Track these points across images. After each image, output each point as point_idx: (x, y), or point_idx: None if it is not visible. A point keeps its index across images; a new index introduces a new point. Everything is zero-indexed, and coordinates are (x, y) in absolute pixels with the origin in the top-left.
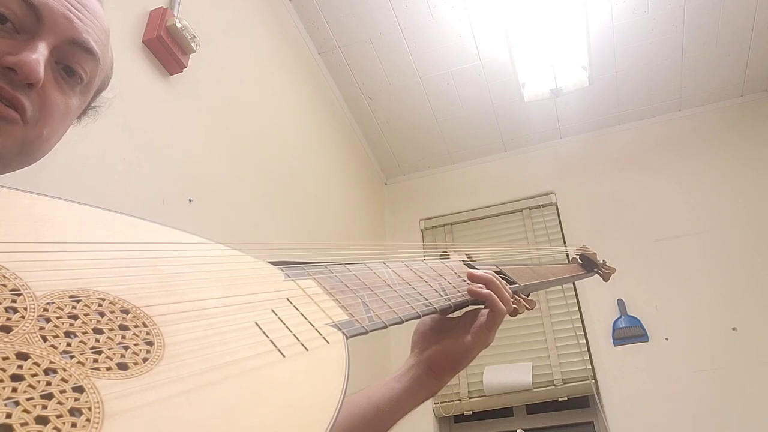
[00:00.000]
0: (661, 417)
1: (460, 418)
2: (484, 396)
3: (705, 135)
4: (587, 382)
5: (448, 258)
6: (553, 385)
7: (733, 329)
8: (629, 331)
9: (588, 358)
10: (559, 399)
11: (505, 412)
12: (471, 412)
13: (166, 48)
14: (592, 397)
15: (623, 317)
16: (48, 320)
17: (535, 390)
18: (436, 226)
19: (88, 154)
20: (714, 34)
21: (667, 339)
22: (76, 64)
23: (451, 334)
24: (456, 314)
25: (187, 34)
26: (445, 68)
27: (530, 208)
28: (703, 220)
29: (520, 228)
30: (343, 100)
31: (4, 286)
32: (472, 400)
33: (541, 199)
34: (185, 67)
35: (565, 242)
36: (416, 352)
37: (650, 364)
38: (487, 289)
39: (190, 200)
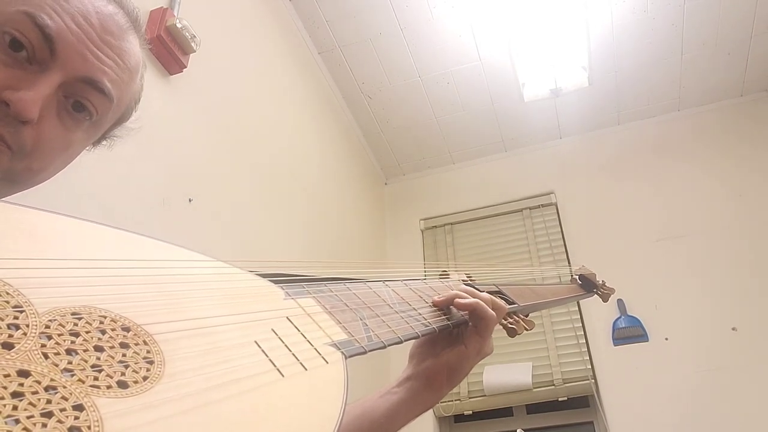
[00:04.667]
0: (661, 417)
1: (460, 418)
2: (484, 396)
3: (705, 135)
4: (587, 382)
5: (448, 277)
6: (553, 385)
7: (733, 329)
8: (629, 331)
9: (588, 358)
10: (559, 399)
11: (505, 412)
12: (471, 412)
13: (167, 48)
14: (592, 397)
15: (623, 317)
16: (50, 337)
17: (534, 390)
18: (436, 226)
19: (88, 154)
20: (714, 34)
21: (667, 339)
22: (86, 101)
23: (448, 345)
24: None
25: (187, 34)
26: (445, 68)
27: (530, 208)
28: (702, 219)
29: (520, 228)
30: (343, 99)
31: (7, 302)
32: (472, 399)
33: (541, 199)
34: (185, 67)
35: (565, 242)
36: (414, 363)
37: (650, 364)
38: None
39: (189, 200)
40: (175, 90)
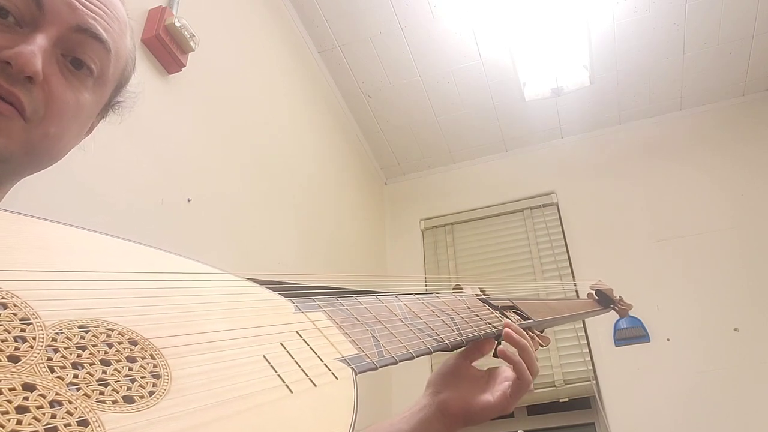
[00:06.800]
0: (663, 418)
1: None
2: None
3: (706, 134)
4: (588, 383)
5: (461, 291)
6: (554, 386)
7: (735, 330)
8: (630, 332)
9: (589, 358)
10: (560, 400)
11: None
12: None
13: (165, 47)
14: (593, 398)
15: (625, 318)
16: (56, 350)
17: (536, 391)
18: (436, 226)
19: (86, 154)
20: (715, 33)
21: (668, 339)
22: (83, 54)
23: (472, 386)
24: (478, 363)
25: (186, 33)
26: (445, 67)
27: (531, 208)
28: (704, 219)
29: (521, 228)
30: (343, 99)
31: (15, 315)
32: None
33: (542, 199)
34: (184, 66)
35: (566, 243)
36: (430, 392)
37: (651, 364)
38: (519, 355)
39: (188, 200)
40: (173, 89)
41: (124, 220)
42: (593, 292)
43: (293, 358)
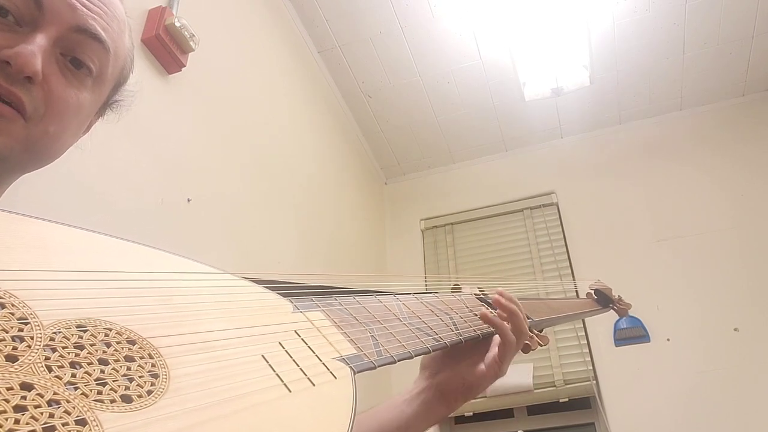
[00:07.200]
0: (663, 418)
1: (460, 419)
2: (485, 397)
3: (706, 134)
4: (588, 383)
5: (460, 291)
6: (554, 386)
7: (735, 330)
8: (631, 332)
9: (589, 359)
10: (560, 400)
11: (506, 413)
12: (471, 413)
13: (165, 47)
14: (593, 398)
15: (625, 318)
16: (54, 350)
17: (536, 391)
18: (436, 226)
19: (85, 154)
20: (715, 33)
21: (668, 340)
22: (83, 54)
23: (465, 361)
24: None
25: (186, 33)
26: (445, 67)
27: (531, 208)
28: (704, 219)
29: (520, 228)
30: (343, 99)
31: (12, 314)
32: (472, 400)
33: (541, 199)
34: (184, 66)
35: (566, 243)
36: (426, 374)
37: (652, 364)
38: (504, 318)
39: (188, 200)
40: (173, 89)
41: (124, 220)
42: (592, 291)
43: (292, 357)
